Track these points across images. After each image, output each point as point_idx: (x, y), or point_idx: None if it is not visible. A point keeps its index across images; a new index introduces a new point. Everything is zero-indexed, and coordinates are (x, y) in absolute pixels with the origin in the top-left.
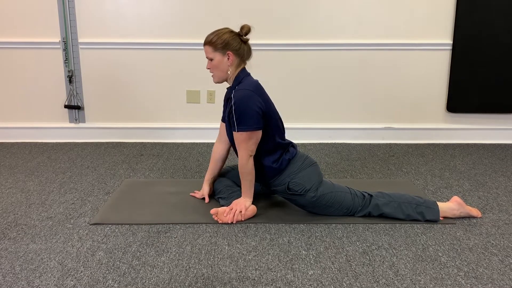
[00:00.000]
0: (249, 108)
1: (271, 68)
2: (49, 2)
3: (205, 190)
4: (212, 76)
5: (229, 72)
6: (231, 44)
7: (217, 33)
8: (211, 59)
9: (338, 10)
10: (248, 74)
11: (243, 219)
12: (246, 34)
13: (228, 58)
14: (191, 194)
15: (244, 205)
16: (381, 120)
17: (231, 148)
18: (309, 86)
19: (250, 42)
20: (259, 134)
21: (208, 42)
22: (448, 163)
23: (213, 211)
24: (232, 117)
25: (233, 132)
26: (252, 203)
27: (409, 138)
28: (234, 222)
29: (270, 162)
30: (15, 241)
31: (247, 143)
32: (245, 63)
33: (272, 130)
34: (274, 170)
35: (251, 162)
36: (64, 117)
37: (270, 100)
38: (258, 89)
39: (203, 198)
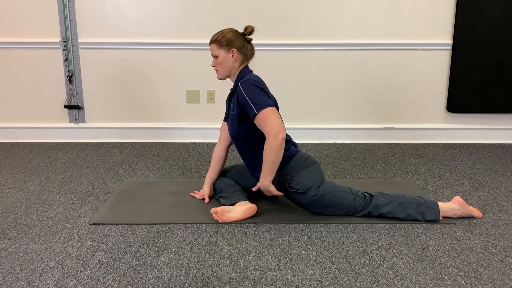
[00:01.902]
0: (258, 90)
1: (271, 68)
2: (49, 2)
3: (205, 191)
4: (216, 72)
5: (233, 69)
6: (235, 42)
7: (222, 32)
8: (216, 57)
9: (338, 10)
10: (251, 71)
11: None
12: (250, 34)
13: (232, 55)
14: (191, 194)
15: (273, 188)
16: (381, 120)
17: (231, 148)
18: (309, 86)
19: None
20: (276, 110)
21: (214, 41)
22: (448, 163)
23: (213, 210)
24: (244, 106)
25: (255, 118)
26: (252, 203)
27: (409, 138)
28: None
29: None
30: (15, 241)
31: (268, 119)
32: (248, 62)
33: None
34: None
35: (277, 142)
36: (64, 117)
37: (273, 95)
38: (261, 79)
39: (203, 199)
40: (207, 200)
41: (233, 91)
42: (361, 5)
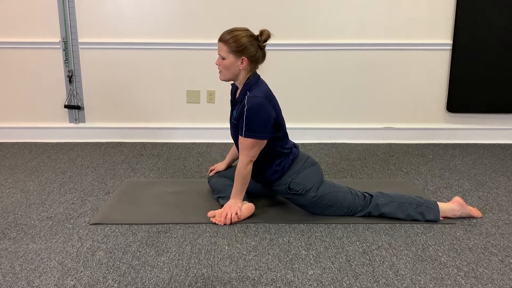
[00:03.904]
0: (261, 117)
1: (271, 68)
2: (49, 2)
3: (218, 166)
4: (220, 73)
5: (239, 75)
6: (248, 49)
7: (236, 34)
8: (223, 58)
9: (338, 10)
10: (259, 78)
11: (238, 220)
12: (265, 40)
13: (241, 63)
14: (209, 167)
15: (237, 207)
16: (381, 120)
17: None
18: (309, 86)
19: None
20: (263, 143)
21: (225, 41)
22: (448, 163)
23: (210, 213)
24: (242, 121)
25: (239, 136)
26: (252, 203)
27: (409, 138)
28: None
29: (273, 166)
30: (15, 241)
31: (250, 150)
32: (257, 67)
33: (279, 137)
34: (277, 173)
35: (249, 167)
36: (64, 117)
37: (279, 106)
38: (270, 96)
39: (203, 199)
40: (210, 172)
41: (239, 101)
42: (361, 5)
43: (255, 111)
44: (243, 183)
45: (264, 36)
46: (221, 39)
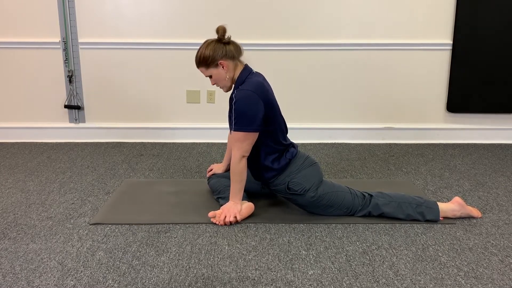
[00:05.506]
0: (248, 109)
1: (271, 68)
2: (49, 2)
3: (215, 167)
4: (221, 88)
5: (227, 78)
6: (217, 54)
7: (200, 52)
8: (210, 76)
9: (338, 10)
10: (251, 72)
11: (237, 222)
12: (223, 35)
13: (222, 67)
14: (208, 170)
15: (236, 210)
16: (381, 120)
17: None
18: (309, 86)
19: (251, 42)
20: (255, 136)
21: (198, 64)
22: (448, 163)
23: (211, 214)
24: (232, 115)
25: (231, 133)
26: (252, 203)
27: (409, 138)
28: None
29: (270, 162)
30: (15, 241)
31: (242, 143)
32: (240, 61)
33: (274, 131)
34: (274, 170)
35: (243, 162)
36: (64, 117)
37: (275, 100)
38: (260, 89)
39: (203, 199)
40: (209, 172)
41: (233, 91)
42: (361, 5)
43: (242, 104)
44: (239, 180)
45: (220, 32)
46: (196, 65)
